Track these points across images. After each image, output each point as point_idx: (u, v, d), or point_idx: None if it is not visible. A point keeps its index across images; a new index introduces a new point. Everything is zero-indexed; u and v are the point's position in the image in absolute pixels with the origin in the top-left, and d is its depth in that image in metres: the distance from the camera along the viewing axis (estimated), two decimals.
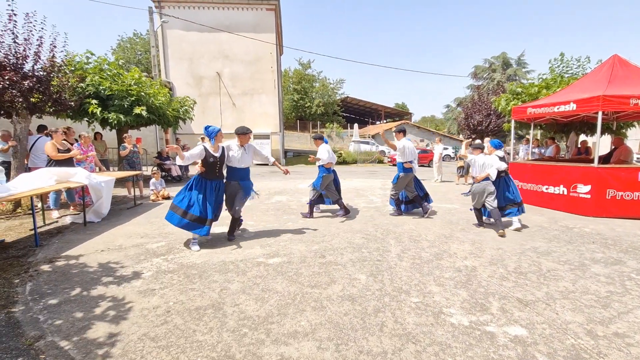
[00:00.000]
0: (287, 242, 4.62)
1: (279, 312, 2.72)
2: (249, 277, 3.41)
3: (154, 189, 7.96)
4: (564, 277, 3.48)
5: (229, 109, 20.88)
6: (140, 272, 3.55)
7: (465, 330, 2.47)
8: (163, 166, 11.22)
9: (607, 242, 4.71)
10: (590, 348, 2.26)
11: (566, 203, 6.76)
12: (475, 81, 40.79)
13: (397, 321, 2.59)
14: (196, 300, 2.92)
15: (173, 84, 19.96)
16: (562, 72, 12.37)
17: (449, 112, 45.73)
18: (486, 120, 17.80)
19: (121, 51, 35.69)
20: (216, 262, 3.83)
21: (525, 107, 7.97)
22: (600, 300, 2.97)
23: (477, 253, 4.23)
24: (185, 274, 3.49)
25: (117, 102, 9.05)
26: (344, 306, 2.82)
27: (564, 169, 6.98)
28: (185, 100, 12.61)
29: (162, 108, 10.32)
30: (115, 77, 9.45)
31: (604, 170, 6.35)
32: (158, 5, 19.31)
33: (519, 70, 38.30)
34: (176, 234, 4.99)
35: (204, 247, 4.38)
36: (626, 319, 2.64)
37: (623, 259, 4.05)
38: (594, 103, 6.23)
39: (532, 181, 7.56)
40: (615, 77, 6.79)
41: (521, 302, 2.91)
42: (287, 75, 43.00)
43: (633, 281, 3.38)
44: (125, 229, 5.31)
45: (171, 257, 4.00)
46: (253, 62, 20.69)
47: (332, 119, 42.12)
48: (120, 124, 9.24)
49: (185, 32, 19.87)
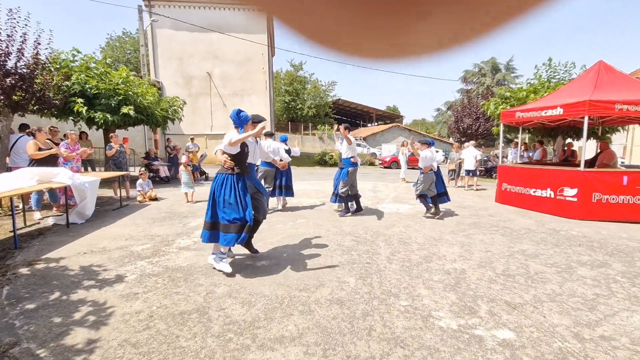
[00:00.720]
0: (275, 245, 4.56)
1: (266, 316, 2.66)
2: (236, 281, 3.34)
3: (141, 190, 7.80)
4: (551, 279, 3.51)
5: (219, 109, 20.67)
6: (124, 275, 3.45)
7: (453, 334, 2.45)
8: (151, 167, 11.02)
9: (593, 245, 4.78)
10: (577, 351, 2.27)
11: (553, 206, 6.85)
12: (465, 85, 41.33)
13: (385, 325, 2.56)
14: (180, 304, 2.84)
15: (162, 83, 19.69)
16: (549, 77, 12.62)
17: (440, 115, 46.19)
18: (475, 123, 18.05)
19: (110, 50, 35.10)
20: (203, 265, 3.75)
21: (513, 111, 8.07)
22: (587, 302, 2.99)
23: (466, 256, 4.24)
24: (171, 277, 3.40)
25: (104, 101, 8.87)
26: (332, 310, 2.78)
27: (551, 173, 7.08)
28: (175, 100, 12.44)
29: (151, 108, 10.16)
30: (102, 75, 9.26)
31: (590, 174, 6.46)
32: (148, 4, 19.03)
33: (508, 75, 38.94)
34: (162, 236, 4.88)
35: (191, 250, 4.29)
36: (612, 322, 2.66)
37: (609, 261, 4.10)
38: (580, 108, 6.33)
39: (520, 184, 7.65)
40: (600, 82, 6.93)
41: (509, 305, 2.91)
42: (278, 76, 42.90)
43: (618, 284, 3.42)
44: (109, 231, 5.17)
45: (156, 260, 3.90)
46: (244, 62, 20.55)
47: (323, 120, 42.12)
48: (107, 124, 9.06)
49: (175, 32, 19.62)
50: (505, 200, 8.06)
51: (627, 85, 6.78)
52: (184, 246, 4.45)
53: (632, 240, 5.02)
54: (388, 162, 21.34)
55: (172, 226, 5.51)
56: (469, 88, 38.79)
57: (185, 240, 4.74)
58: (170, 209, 6.87)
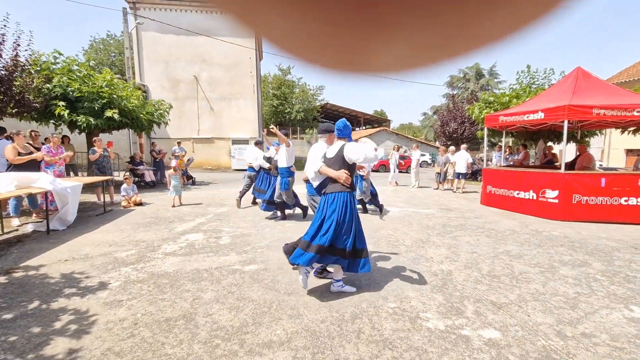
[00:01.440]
0: (264, 249, 4.52)
1: (254, 321, 2.63)
2: (223, 286, 3.30)
3: (126, 195, 7.64)
4: (535, 279, 3.59)
5: (206, 113, 20.47)
6: (107, 282, 3.36)
7: (441, 334, 2.48)
8: (136, 171, 10.81)
9: (574, 245, 4.91)
10: (559, 349, 2.32)
11: (536, 208, 7.03)
12: (450, 90, 42.12)
13: (374, 327, 2.56)
14: (166, 311, 2.78)
15: (148, 86, 19.39)
16: (529, 83, 13.01)
17: (426, 119, 46.91)
18: (461, 127, 18.40)
19: (93, 52, 34.40)
20: (189, 271, 3.69)
21: (497, 116, 8.27)
22: (569, 301, 3.07)
23: (452, 257, 4.30)
24: (156, 284, 3.33)
25: (87, 105, 8.67)
26: (321, 313, 2.77)
27: (533, 175, 7.27)
28: (161, 103, 12.26)
29: (136, 111, 9.98)
30: (85, 78, 9.06)
31: (570, 176, 6.66)
32: (133, 7, 18.77)
33: (491, 80, 39.92)
34: (148, 242, 4.79)
35: (177, 256, 4.21)
36: (593, 319, 2.74)
37: (589, 260, 4.22)
38: (560, 112, 6.54)
39: (504, 187, 7.83)
40: (579, 88, 7.17)
41: (495, 305, 2.96)
42: (266, 80, 42.85)
43: (598, 282, 3.52)
44: (92, 237, 5.04)
45: (141, 266, 3.82)
46: (232, 66, 20.45)
47: (312, 124, 42.24)
48: (90, 127, 8.85)
49: (161, 35, 19.40)
50: (490, 202, 8.22)
51: (603, 91, 7.04)
52: (170, 252, 4.37)
53: (611, 240, 5.19)
54: (376, 165, 21.50)
55: (158, 231, 5.41)
56: (454, 93, 39.52)
57: (172, 245, 4.66)
58: (155, 214, 6.74)
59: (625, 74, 19.41)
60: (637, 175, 6.45)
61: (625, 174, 6.78)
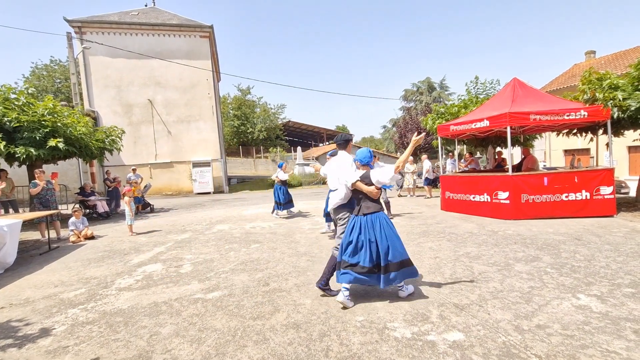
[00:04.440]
0: (228, 274, 4.35)
1: (217, 352, 2.49)
2: (184, 317, 3.11)
3: (75, 229, 7.06)
4: (493, 278, 3.76)
5: (163, 137, 19.77)
6: (51, 327, 3.04)
7: (408, 342, 2.49)
8: (87, 202, 10.09)
9: (526, 242, 5.24)
10: (518, 343, 2.42)
11: (490, 209, 7.45)
12: (406, 103, 44.21)
13: (342, 343, 2.52)
14: (120, 352, 2.55)
15: (98, 112, 18.44)
16: (477, 93, 14.00)
17: (386, 132, 48.67)
18: None
19: (36, 79, 32.28)
20: (146, 305, 3.44)
21: (448, 125, 8.77)
22: (524, 295, 3.24)
23: (417, 264, 4.36)
24: (108, 323, 3.06)
25: (27, 135, 8.03)
26: (289, 335, 2.69)
27: (486, 179, 7.74)
28: (112, 129, 11.65)
29: (84, 139, 9.39)
30: (24, 106, 8.42)
31: (518, 177, 7.16)
32: (78, 31, 17.98)
33: (442, 92, 42.50)
34: (99, 278, 4.42)
35: (133, 290, 3.92)
36: (545, 311, 2.90)
37: (539, 255, 4.51)
38: (502, 119, 7.08)
39: (461, 191, 8.24)
40: (517, 96, 7.83)
41: (457, 307, 3.05)
42: (225, 101, 42.46)
43: (549, 275, 3.76)
44: (35, 279, 4.56)
45: (92, 306, 3.51)
46: (188, 88, 20.06)
47: (275, 143, 42.22)
48: (31, 159, 8.18)
49: (111, 59, 18.68)
50: (450, 207, 8.60)
51: (538, 98, 7.75)
52: (124, 286, 4.06)
53: (557, 234, 5.60)
54: None
55: (112, 265, 5.03)
56: (410, 106, 41.58)
57: (127, 279, 4.34)
58: (109, 247, 6.28)
59: (555, 83, 21.57)
60: (574, 173, 7.09)
61: (563, 172, 7.42)
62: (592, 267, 3.96)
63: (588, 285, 3.42)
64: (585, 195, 6.89)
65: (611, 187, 6.84)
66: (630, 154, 16.79)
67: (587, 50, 23.24)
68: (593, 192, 6.87)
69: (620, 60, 18.88)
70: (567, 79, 20.95)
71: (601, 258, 4.27)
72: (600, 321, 2.68)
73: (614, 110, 7.08)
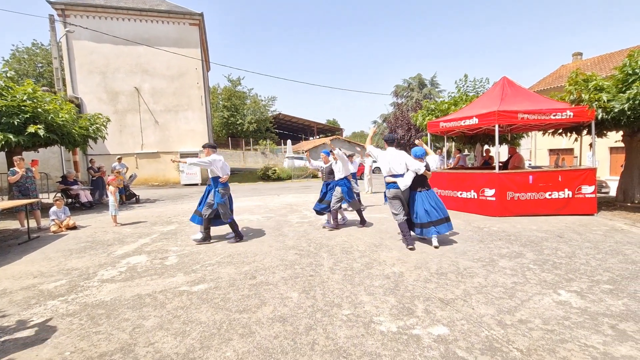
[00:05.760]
0: (214, 266, 4.30)
1: (202, 345, 2.46)
2: (168, 310, 3.06)
3: (56, 219, 6.86)
4: (478, 273, 3.82)
5: (150, 126, 19.32)
6: (29, 319, 2.95)
7: (393, 336, 2.51)
8: (69, 192, 9.81)
9: (510, 238, 5.34)
10: (500, 337, 2.46)
11: (477, 206, 7.57)
12: (397, 99, 44.30)
13: (328, 337, 2.53)
14: (101, 345, 2.50)
15: (82, 99, 17.87)
16: (466, 91, 14.14)
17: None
18: (407, 134, 19.39)
19: (16, 62, 31.02)
20: (129, 297, 3.37)
21: (438, 122, 8.83)
22: (507, 291, 3.30)
23: (404, 259, 4.43)
24: (90, 316, 2.99)
25: (5, 120, 7.72)
26: (274, 328, 2.67)
27: (473, 176, 7.84)
28: (97, 117, 11.31)
29: (66, 126, 9.09)
30: (3, 90, 8.08)
31: (504, 175, 7.28)
32: (61, 14, 17.28)
33: (433, 89, 42.73)
34: (81, 269, 4.31)
35: (116, 282, 3.84)
36: (528, 306, 2.96)
37: (523, 251, 4.61)
38: (491, 117, 7.16)
39: (449, 188, 8.33)
40: (505, 95, 7.93)
41: (442, 302, 3.09)
42: (215, 92, 41.77)
43: (531, 271, 3.84)
44: (12, 269, 4.42)
45: (72, 297, 3.42)
46: (176, 77, 19.60)
47: (265, 135, 41.87)
48: (10, 145, 7.87)
49: (96, 44, 18.06)
50: None
51: (526, 98, 7.86)
52: (107, 278, 3.98)
53: (540, 232, 5.73)
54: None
55: (94, 256, 4.91)
56: (401, 102, 41.71)
57: (110, 271, 4.24)
58: (92, 238, 6.14)
59: (543, 83, 21.95)
60: (557, 172, 7.24)
61: (548, 171, 7.58)
62: (573, 263, 4.06)
63: (568, 281, 3.51)
64: (567, 194, 7.06)
65: (593, 187, 7.03)
66: (611, 154, 17.29)
67: (574, 52, 23.70)
68: (575, 191, 7.05)
69: (606, 62, 19.32)
70: (555, 80, 21.34)
71: (581, 255, 4.38)
72: (579, 316, 2.75)
73: (598, 111, 7.23)
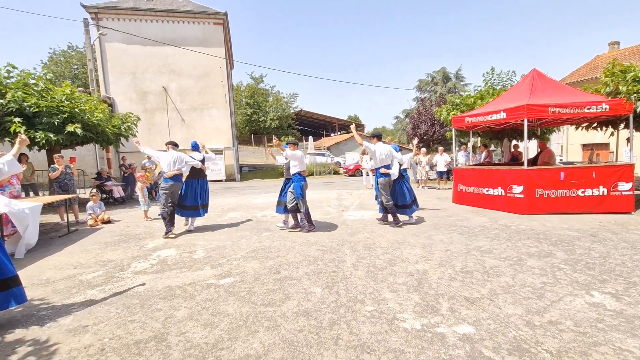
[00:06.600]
0: (240, 261, 4.43)
1: (230, 336, 2.56)
2: (197, 302, 3.19)
3: (92, 213, 7.27)
4: (505, 272, 3.73)
5: (177, 124, 19.98)
6: (71, 307, 3.17)
7: (417, 334, 2.51)
8: (103, 187, 10.35)
9: (539, 237, 5.16)
10: (529, 338, 2.41)
11: (504, 203, 7.34)
12: (420, 94, 43.45)
13: (352, 332, 2.56)
14: (136, 333, 2.65)
15: (114, 99, 18.70)
16: (493, 84, 13.66)
17: (398, 122, 48.05)
18: (431, 129, 18.96)
19: (54, 65, 32.83)
20: (161, 289, 3.54)
21: (463, 117, 8.60)
22: (536, 291, 3.21)
23: (427, 256, 4.39)
24: (125, 305, 3.17)
25: (46, 120, 8.22)
26: (299, 322, 2.74)
27: (500, 172, 7.60)
28: (128, 116, 11.84)
29: (100, 125, 9.58)
30: (43, 92, 8.60)
31: (533, 171, 7.01)
32: (95, 17, 18.12)
33: (458, 83, 41.58)
34: (116, 261, 4.57)
35: (148, 274, 4.04)
36: (558, 307, 2.87)
37: (553, 251, 4.44)
38: (520, 112, 6.90)
39: (474, 184, 8.12)
40: (535, 88, 7.60)
41: (468, 300, 3.05)
42: (238, 89, 42.48)
43: (562, 271, 3.71)
44: (55, 260, 4.75)
45: (109, 288, 3.63)
46: (202, 76, 20.12)
47: (287, 132, 42.22)
48: (51, 144, 8.38)
49: (127, 45, 18.81)
50: (462, 200, 8.50)
51: (558, 91, 7.51)
52: (140, 270, 4.19)
53: (572, 230, 5.50)
54: (352, 169, 21.75)
55: (127, 249, 5.18)
56: (424, 96, 40.82)
57: (142, 263, 4.47)
58: (125, 231, 6.46)
59: (576, 74, 20.81)
60: (591, 168, 6.89)
61: (581, 167, 7.22)
62: (608, 264, 3.88)
63: (603, 282, 3.37)
64: (602, 191, 6.71)
65: (630, 184, 6.64)
66: None
67: (610, 41, 22.27)
68: (611, 188, 6.69)
69: None
70: (589, 71, 20.18)
71: (617, 255, 4.18)
72: (614, 319, 2.64)
73: (637, 104, 6.80)
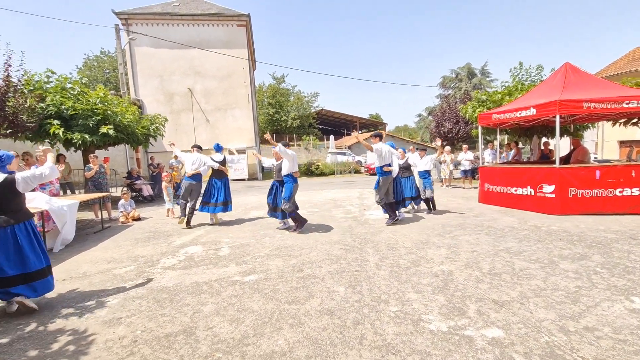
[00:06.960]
0: (264, 258, 4.50)
1: (255, 332, 2.61)
2: (223, 298, 3.28)
3: (124, 211, 7.61)
4: (536, 275, 3.58)
5: (202, 124, 20.53)
6: (106, 300, 3.33)
7: (444, 336, 2.46)
8: (133, 186, 10.79)
9: (572, 239, 4.91)
10: (563, 344, 2.31)
11: (534, 203, 7.04)
12: (443, 91, 42.40)
13: (376, 332, 2.54)
14: (166, 326, 2.76)
15: (143, 101, 19.46)
16: (522, 80, 13.11)
17: (421, 120, 47.14)
18: (455, 127, 18.45)
19: (87, 70, 34.59)
20: (189, 284, 3.66)
21: (490, 114, 8.32)
22: (570, 295, 3.06)
23: (453, 257, 4.29)
24: (155, 299, 3.30)
25: (82, 122, 8.68)
26: (323, 321, 2.75)
27: (530, 171, 7.30)
28: (156, 117, 12.28)
29: (131, 126, 9.99)
30: (79, 95, 9.09)
31: (565, 170, 6.69)
32: (125, 23, 18.91)
33: (484, 79, 40.26)
34: (146, 257, 4.76)
35: (176, 269, 4.19)
36: (595, 313, 2.73)
37: (588, 254, 4.22)
38: (551, 107, 6.59)
39: (502, 184, 7.84)
40: (568, 83, 7.24)
41: (497, 303, 2.95)
42: (261, 90, 43.06)
43: (598, 275, 3.52)
44: (90, 255, 5.00)
45: (140, 282, 3.79)
46: (225, 77, 20.56)
47: (308, 131, 42.38)
48: (86, 145, 8.85)
49: (155, 49, 19.52)
50: (488, 200, 8.23)
51: (593, 85, 7.11)
52: (169, 266, 4.34)
53: (609, 232, 5.20)
54: (373, 168, 21.56)
55: (157, 246, 5.38)
56: (448, 93, 39.81)
57: (171, 259, 4.63)
58: (154, 228, 6.72)
59: (612, 67, 19.64)
60: (630, 166, 6.48)
61: (618, 165, 6.82)
62: None
63: None
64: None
65: None
66: None
67: None
68: None
69: None
70: (627, 64, 18.99)
71: None
72: None
73: None
